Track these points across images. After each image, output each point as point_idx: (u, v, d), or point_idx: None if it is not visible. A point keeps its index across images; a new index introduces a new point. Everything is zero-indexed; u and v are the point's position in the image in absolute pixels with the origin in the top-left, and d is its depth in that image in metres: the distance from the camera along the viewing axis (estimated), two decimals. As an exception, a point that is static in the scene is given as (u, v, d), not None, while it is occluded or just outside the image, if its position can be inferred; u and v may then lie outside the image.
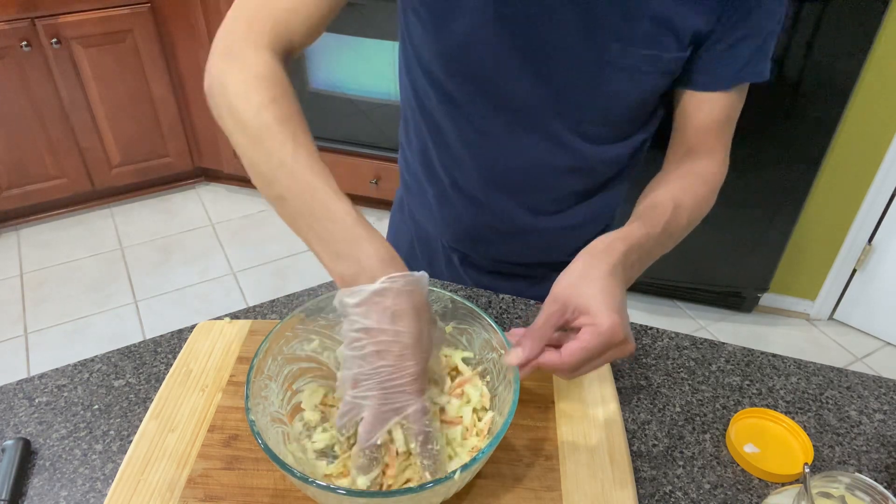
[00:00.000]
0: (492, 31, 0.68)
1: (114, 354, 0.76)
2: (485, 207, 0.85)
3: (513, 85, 0.72)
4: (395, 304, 0.53)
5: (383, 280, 0.53)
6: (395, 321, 0.52)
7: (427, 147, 0.85)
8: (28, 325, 2.18)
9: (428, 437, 0.54)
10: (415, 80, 0.80)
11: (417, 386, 0.53)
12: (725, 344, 0.80)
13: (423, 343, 0.54)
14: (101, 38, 2.29)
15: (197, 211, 2.72)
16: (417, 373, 0.53)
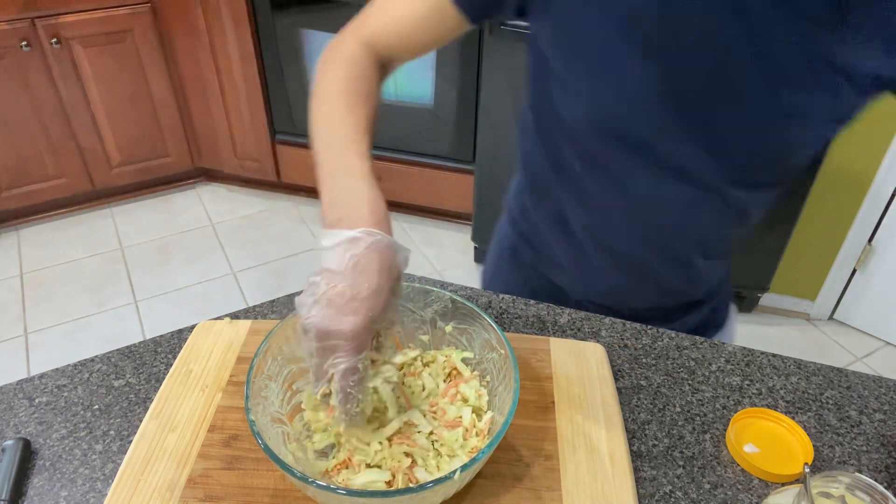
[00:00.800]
0: (656, 100, 0.65)
1: (114, 354, 0.76)
2: (630, 264, 0.82)
3: (673, 145, 0.68)
4: (362, 255, 0.52)
5: (361, 230, 0.53)
6: (355, 270, 0.51)
7: (563, 208, 0.81)
8: (28, 325, 2.18)
9: (348, 398, 0.54)
10: (551, 143, 0.77)
11: (356, 343, 0.51)
12: (725, 344, 0.80)
13: (375, 301, 0.52)
14: (101, 38, 2.29)
15: (197, 211, 2.72)
16: (358, 328, 0.51)
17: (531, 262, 0.92)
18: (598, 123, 0.69)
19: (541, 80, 0.73)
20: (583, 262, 0.85)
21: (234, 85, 2.45)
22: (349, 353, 0.52)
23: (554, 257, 0.88)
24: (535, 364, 0.73)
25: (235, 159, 2.67)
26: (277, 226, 2.66)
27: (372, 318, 0.52)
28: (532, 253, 0.91)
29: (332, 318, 0.51)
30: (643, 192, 0.73)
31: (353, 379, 0.53)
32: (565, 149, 0.75)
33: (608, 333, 0.81)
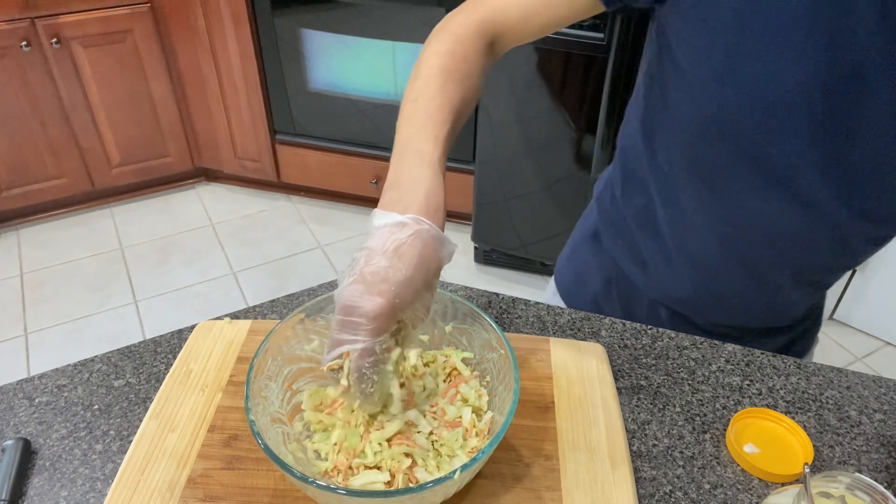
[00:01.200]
0: (795, 111, 0.60)
1: (114, 354, 0.76)
2: (714, 276, 0.78)
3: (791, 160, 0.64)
4: (405, 241, 0.51)
5: (410, 216, 0.52)
6: (394, 254, 0.51)
7: (652, 207, 0.79)
8: (28, 325, 2.18)
9: (362, 377, 0.53)
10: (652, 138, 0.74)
11: (375, 324, 0.50)
12: (725, 344, 0.80)
13: (405, 288, 0.51)
14: (101, 38, 2.29)
15: (197, 211, 2.72)
16: (381, 311, 0.50)
17: (609, 250, 0.89)
18: (715, 125, 0.65)
19: (658, 73, 0.70)
20: (663, 264, 0.81)
21: (234, 85, 2.45)
22: (367, 334, 0.51)
23: (636, 252, 0.84)
24: (535, 364, 0.73)
25: (235, 159, 2.67)
26: (277, 226, 2.66)
27: (398, 304, 0.51)
28: (613, 241, 0.88)
29: (359, 295, 0.50)
30: (741, 203, 0.69)
31: (368, 360, 0.52)
32: (667, 147, 0.72)
33: (608, 333, 0.81)
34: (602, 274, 0.91)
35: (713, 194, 0.71)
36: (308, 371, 0.66)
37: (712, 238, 0.75)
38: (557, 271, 1.01)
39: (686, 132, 0.69)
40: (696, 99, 0.65)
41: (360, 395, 0.55)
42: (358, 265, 0.51)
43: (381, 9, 2.13)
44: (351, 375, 0.54)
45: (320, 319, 0.66)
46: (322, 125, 2.50)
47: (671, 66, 0.67)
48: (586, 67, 1.85)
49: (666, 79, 0.68)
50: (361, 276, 0.50)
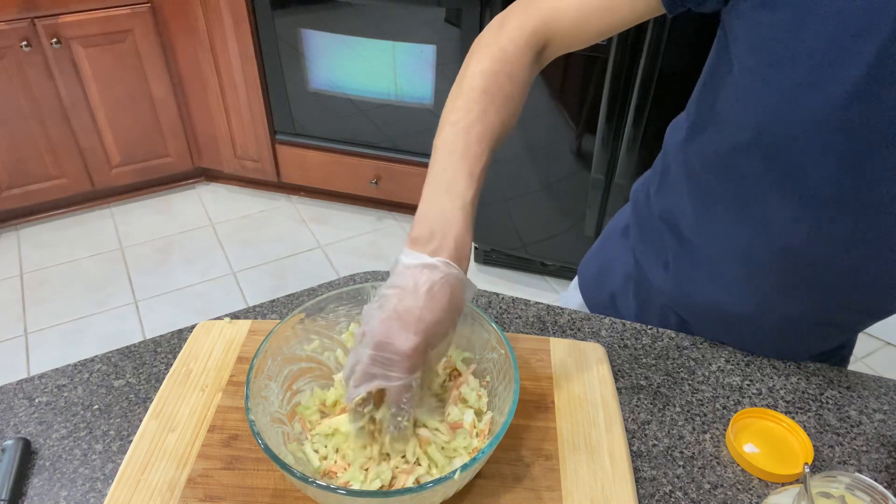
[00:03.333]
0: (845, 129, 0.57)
1: (114, 354, 0.76)
2: (733, 291, 0.74)
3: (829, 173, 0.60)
4: (437, 282, 0.52)
5: (441, 260, 0.53)
6: (427, 295, 0.52)
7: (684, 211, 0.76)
8: (28, 325, 2.18)
9: (400, 411, 0.55)
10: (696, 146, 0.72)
11: (411, 362, 0.52)
12: (725, 344, 0.80)
13: (437, 329, 0.53)
14: (101, 38, 2.29)
15: (197, 211, 2.72)
16: (417, 349, 0.52)
17: (635, 247, 0.88)
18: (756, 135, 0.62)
19: (711, 79, 0.68)
20: (685, 267, 0.79)
21: (234, 85, 2.45)
22: (403, 371, 0.52)
23: (660, 251, 0.82)
24: (535, 364, 0.73)
25: (235, 159, 2.67)
26: (277, 226, 2.66)
27: (430, 343, 0.53)
28: (640, 238, 0.86)
29: (395, 332, 0.51)
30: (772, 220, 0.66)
31: (406, 396, 0.54)
32: (707, 153, 0.70)
33: (608, 333, 0.81)
34: (623, 271, 0.91)
35: (745, 209, 0.68)
36: (308, 371, 0.66)
37: (736, 252, 0.71)
38: (583, 263, 1.01)
39: (728, 140, 0.66)
40: (741, 105, 0.62)
41: (393, 429, 0.57)
42: (390, 302, 0.52)
43: (381, 9, 2.13)
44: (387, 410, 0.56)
45: (320, 319, 0.66)
46: (322, 125, 2.50)
47: (725, 71, 0.64)
48: (587, 67, 1.85)
49: (718, 84, 0.66)
50: (396, 314, 0.52)
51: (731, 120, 0.65)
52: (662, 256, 0.82)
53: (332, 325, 0.67)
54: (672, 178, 0.78)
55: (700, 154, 0.71)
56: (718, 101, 0.66)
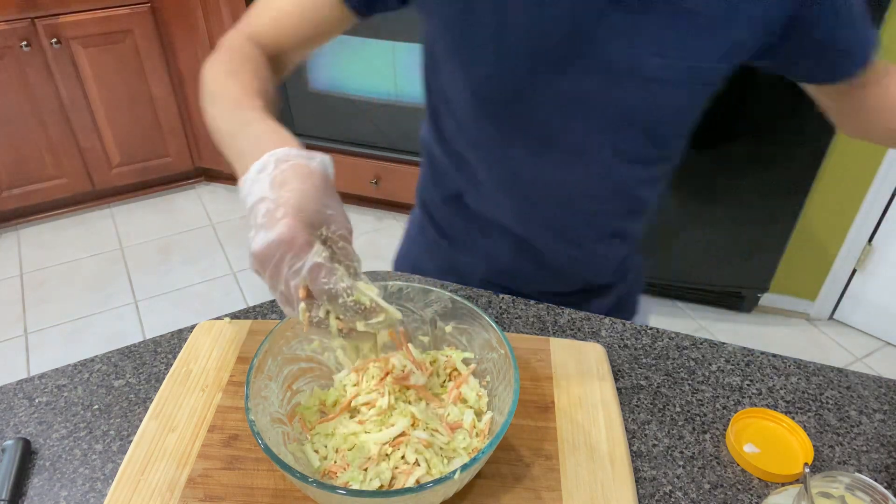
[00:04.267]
0: (528, 65, 0.67)
1: (114, 354, 0.76)
2: (524, 242, 0.84)
3: (546, 116, 0.71)
4: (275, 172, 0.50)
5: (265, 156, 0.51)
6: (273, 186, 0.50)
7: (460, 191, 0.84)
8: (28, 325, 2.18)
9: (333, 295, 0.51)
10: (441, 127, 0.80)
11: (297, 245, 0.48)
12: (725, 344, 0.80)
13: (303, 203, 0.49)
14: (101, 38, 2.29)
15: (197, 211, 2.72)
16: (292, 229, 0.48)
17: (435, 240, 0.94)
18: (477, 98, 0.72)
19: (431, 65, 0.77)
20: (480, 240, 0.87)
21: (234, 85, 2.45)
22: (298, 255, 0.48)
23: (457, 237, 0.90)
24: (535, 364, 0.73)
25: (235, 159, 2.67)
26: (277, 226, 2.65)
27: (305, 217, 0.49)
28: (436, 231, 0.93)
29: (265, 234, 0.48)
30: (522, 168, 0.76)
31: (322, 276, 0.49)
32: (454, 132, 0.78)
33: (608, 333, 0.81)
34: (435, 263, 0.95)
35: (497, 164, 0.77)
36: (308, 371, 0.66)
37: (510, 206, 0.81)
38: (396, 269, 1.04)
39: (461, 111, 0.75)
40: (458, 75, 0.72)
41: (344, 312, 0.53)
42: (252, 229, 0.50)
43: (381, 9, 2.13)
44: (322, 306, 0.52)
45: (320, 319, 0.66)
46: (322, 125, 2.50)
47: (436, 51, 0.74)
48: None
49: (436, 64, 0.75)
50: (258, 225, 0.49)
51: (456, 93, 0.74)
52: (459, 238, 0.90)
53: (332, 325, 0.67)
54: (439, 165, 0.85)
55: (447, 131, 0.79)
56: (441, 79, 0.75)
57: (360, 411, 0.63)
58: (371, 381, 0.65)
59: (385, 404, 0.61)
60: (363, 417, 0.62)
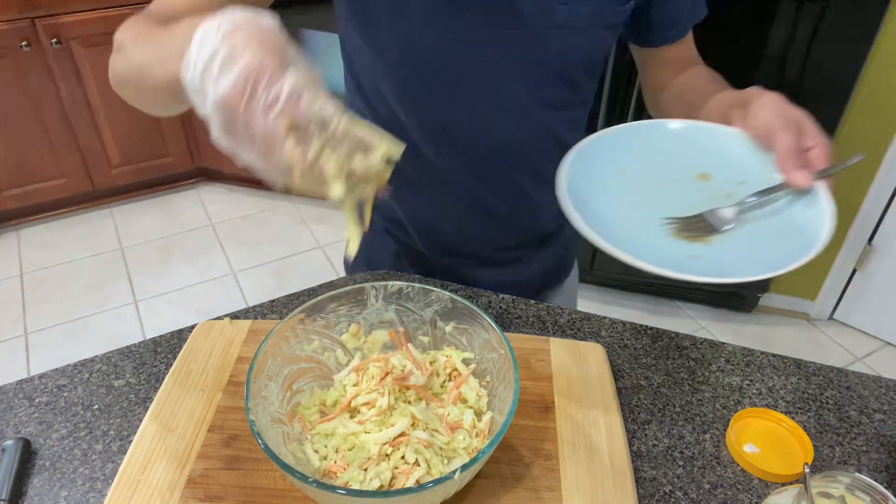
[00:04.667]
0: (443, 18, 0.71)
1: (114, 354, 0.76)
2: (467, 202, 0.86)
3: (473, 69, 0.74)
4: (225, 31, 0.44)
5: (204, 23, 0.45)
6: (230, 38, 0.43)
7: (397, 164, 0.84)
8: (28, 325, 2.18)
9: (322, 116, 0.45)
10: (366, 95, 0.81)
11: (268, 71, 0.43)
12: (725, 344, 0.80)
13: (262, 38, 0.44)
14: (101, 38, 2.29)
15: (197, 211, 2.72)
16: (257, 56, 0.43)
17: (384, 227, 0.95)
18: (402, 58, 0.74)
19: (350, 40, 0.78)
20: (424, 209, 0.89)
21: (234, 85, 2.45)
22: (272, 80, 0.43)
23: (397, 211, 0.91)
24: (535, 364, 0.73)
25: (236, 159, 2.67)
26: (277, 226, 2.65)
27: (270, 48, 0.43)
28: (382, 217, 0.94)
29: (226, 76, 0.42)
30: (461, 126, 0.78)
31: (301, 102, 0.44)
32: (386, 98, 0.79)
33: (608, 333, 0.81)
34: (389, 251, 0.96)
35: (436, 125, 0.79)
36: (308, 371, 0.66)
37: (451, 165, 0.82)
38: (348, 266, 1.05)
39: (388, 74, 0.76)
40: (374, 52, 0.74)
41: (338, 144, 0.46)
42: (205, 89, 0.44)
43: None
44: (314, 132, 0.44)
45: (320, 319, 0.66)
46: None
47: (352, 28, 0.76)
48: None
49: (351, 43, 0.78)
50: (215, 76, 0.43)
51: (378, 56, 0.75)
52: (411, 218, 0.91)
53: (331, 325, 0.67)
54: None
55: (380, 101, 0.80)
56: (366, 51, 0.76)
57: (360, 411, 0.63)
58: (371, 381, 0.65)
59: (385, 404, 0.61)
60: (363, 417, 0.62)
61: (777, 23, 1.68)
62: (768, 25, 1.68)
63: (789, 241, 0.58)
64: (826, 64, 1.71)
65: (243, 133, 0.44)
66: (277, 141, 0.43)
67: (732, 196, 0.63)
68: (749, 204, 0.62)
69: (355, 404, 0.63)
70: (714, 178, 0.66)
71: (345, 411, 0.63)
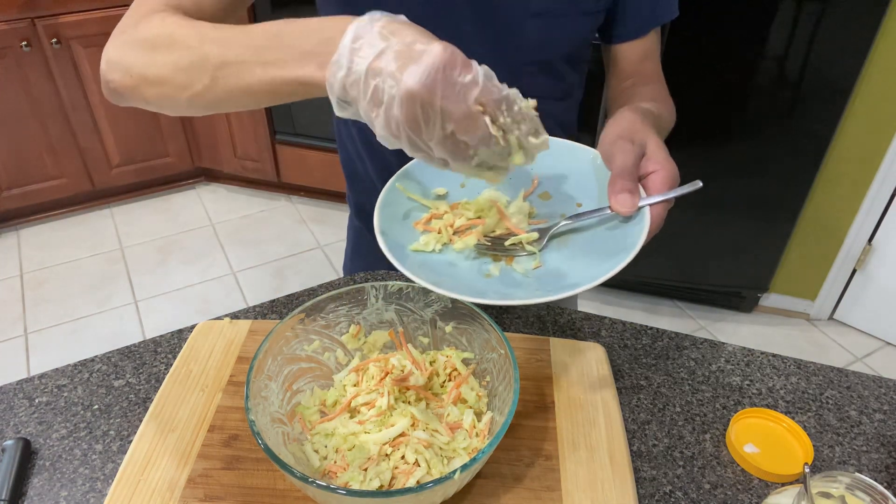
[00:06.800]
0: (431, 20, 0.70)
1: (114, 354, 0.76)
2: None
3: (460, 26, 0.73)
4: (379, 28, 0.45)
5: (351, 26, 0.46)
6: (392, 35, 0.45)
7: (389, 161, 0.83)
8: (28, 325, 2.18)
9: (510, 98, 0.46)
10: None
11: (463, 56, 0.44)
12: (725, 344, 0.80)
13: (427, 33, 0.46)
14: (101, 38, 2.29)
15: (197, 211, 2.72)
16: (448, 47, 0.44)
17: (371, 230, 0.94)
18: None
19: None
20: None
21: (234, 85, 2.45)
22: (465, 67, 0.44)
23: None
24: (535, 364, 0.73)
25: (235, 159, 2.67)
26: (277, 226, 2.66)
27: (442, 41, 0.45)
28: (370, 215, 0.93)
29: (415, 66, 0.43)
30: None
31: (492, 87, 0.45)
32: None
33: (608, 333, 0.81)
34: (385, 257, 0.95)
35: None
36: (308, 371, 0.66)
37: None
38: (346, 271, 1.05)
39: None
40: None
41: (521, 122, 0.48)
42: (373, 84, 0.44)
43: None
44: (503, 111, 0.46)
45: (320, 319, 0.66)
46: (322, 125, 2.50)
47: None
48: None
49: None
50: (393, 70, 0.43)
51: None
52: None
53: (332, 325, 0.67)
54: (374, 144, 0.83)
55: None
56: None
57: (359, 411, 0.63)
58: (371, 381, 0.65)
59: (385, 404, 0.61)
60: (363, 417, 0.62)
61: (777, 23, 1.68)
62: (768, 25, 1.69)
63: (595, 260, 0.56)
64: (826, 64, 1.71)
65: (436, 119, 0.44)
66: (478, 119, 0.45)
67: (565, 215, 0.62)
68: (561, 227, 0.60)
69: (355, 404, 0.63)
70: (554, 198, 0.65)
71: (345, 411, 0.63)
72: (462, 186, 0.66)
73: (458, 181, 0.66)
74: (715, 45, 1.72)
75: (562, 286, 0.54)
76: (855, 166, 1.93)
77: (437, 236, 0.60)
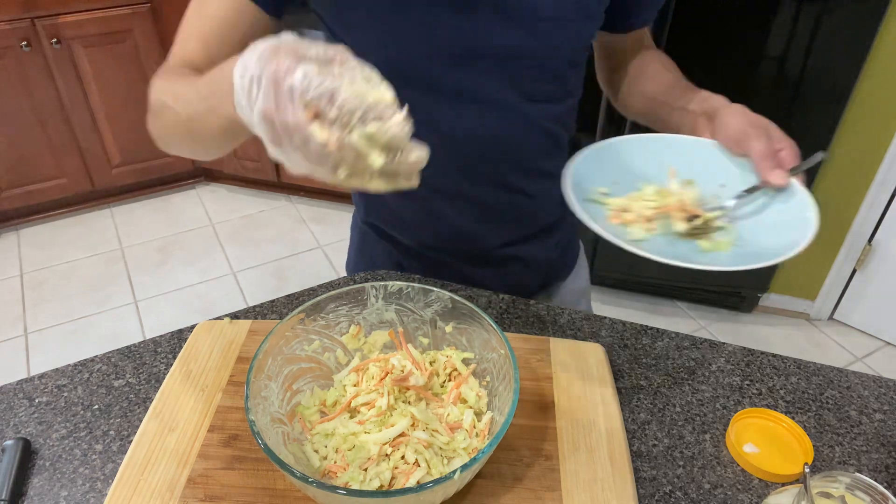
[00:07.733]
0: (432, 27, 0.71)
1: (114, 354, 0.76)
2: (464, 202, 0.86)
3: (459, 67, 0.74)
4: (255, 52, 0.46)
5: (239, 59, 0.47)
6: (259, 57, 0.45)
7: None
8: (28, 325, 2.18)
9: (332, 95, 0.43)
10: None
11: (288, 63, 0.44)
12: (725, 344, 0.80)
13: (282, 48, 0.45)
14: (101, 38, 2.29)
15: (197, 211, 2.72)
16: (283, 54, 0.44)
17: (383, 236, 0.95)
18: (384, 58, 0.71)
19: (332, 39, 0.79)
20: (419, 209, 0.89)
21: (234, 85, 2.45)
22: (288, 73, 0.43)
23: (395, 214, 0.92)
24: (535, 364, 0.73)
25: (235, 159, 2.67)
26: (277, 226, 2.66)
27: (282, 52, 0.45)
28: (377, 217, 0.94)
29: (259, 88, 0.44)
30: (450, 127, 0.78)
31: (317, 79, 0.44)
32: None
33: (608, 333, 0.81)
34: (388, 252, 0.96)
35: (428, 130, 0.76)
36: (308, 371, 0.66)
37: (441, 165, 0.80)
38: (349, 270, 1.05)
39: None
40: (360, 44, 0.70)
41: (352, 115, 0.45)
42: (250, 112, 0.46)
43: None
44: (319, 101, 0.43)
45: (320, 319, 0.66)
46: (322, 125, 2.50)
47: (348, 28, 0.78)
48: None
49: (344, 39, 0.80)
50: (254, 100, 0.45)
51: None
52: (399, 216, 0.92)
53: (332, 325, 0.67)
54: None
55: None
56: None
57: (359, 411, 0.63)
58: (371, 381, 0.65)
59: (385, 404, 0.61)
60: (363, 417, 0.62)
61: (777, 23, 1.68)
62: (768, 25, 1.68)
63: (785, 229, 0.62)
64: (826, 64, 1.71)
65: (285, 139, 0.44)
66: (302, 123, 0.43)
67: (718, 198, 0.68)
68: (743, 199, 0.67)
69: (355, 404, 0.63)
70: (698, 183, 0.71)
71: (345, 411, 0.63)
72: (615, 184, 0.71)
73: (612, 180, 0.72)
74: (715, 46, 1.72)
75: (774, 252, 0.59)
76: (855, 166, 1.93)
77: (646, 224, 0.66)
